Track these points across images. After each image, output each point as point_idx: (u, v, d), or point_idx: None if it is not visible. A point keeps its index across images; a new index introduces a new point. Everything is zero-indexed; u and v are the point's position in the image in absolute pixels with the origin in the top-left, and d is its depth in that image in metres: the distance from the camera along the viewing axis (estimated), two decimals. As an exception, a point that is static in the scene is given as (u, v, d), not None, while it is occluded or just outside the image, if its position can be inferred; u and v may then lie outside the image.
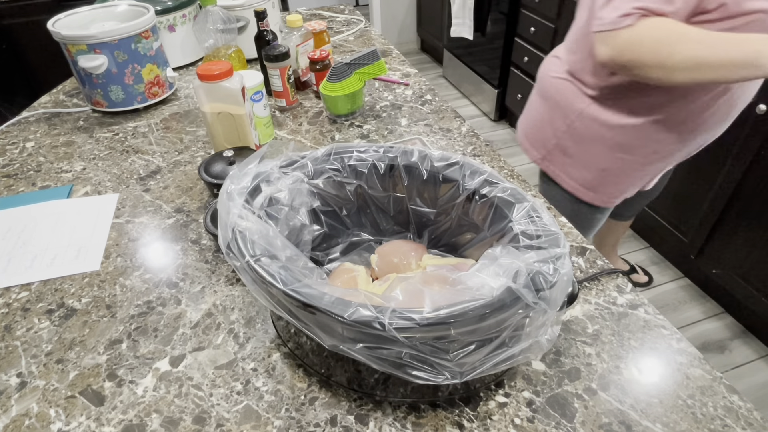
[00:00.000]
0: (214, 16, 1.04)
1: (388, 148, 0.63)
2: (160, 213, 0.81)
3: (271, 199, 0.55)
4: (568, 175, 0.99)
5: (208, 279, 0.68)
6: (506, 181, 0.57)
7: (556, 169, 1.00)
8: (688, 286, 1.74)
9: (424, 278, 0.53)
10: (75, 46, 1.00)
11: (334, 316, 0.41)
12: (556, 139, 0.97)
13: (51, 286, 0.68)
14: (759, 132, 1.32)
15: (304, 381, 0.54)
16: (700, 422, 0.49)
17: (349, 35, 1.49)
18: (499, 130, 2.70)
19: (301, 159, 0.61)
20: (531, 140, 1.05)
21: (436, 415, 0.50)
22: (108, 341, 0.60)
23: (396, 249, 0.63)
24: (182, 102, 1.15)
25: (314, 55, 1.09)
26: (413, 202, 0.64)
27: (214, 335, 0.60)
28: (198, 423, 0.50)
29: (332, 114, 1.04)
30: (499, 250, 0.48)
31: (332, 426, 0.50)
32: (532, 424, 0.49)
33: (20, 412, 0.52)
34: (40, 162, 0.96)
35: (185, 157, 0.95)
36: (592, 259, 0.68)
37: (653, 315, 0.60)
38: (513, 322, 0.42)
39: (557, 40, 2.05)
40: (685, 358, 0.55)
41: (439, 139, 0.97)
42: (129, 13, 1.12)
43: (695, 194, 1.56)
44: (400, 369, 0.43)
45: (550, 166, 1.01)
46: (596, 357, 0.55)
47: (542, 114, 1.00)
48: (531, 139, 1.05)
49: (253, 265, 0.45)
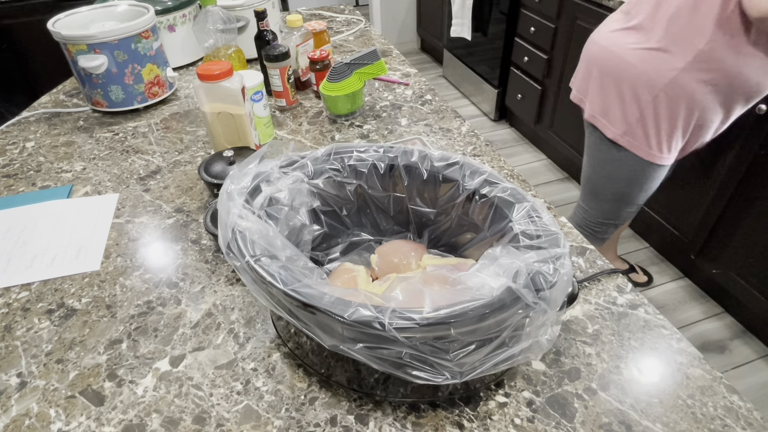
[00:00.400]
0: (214, 16, 1.04)
1: (388, 148, 0.63)
2: (160, 213, 0.81)
3: (271, 199, 0.55)
4: (648, 144, 1.08)
5: (208, 279, 0.68)
6: (506, 181, 0.57)
7: (636, 141, 1.09)
8: (688, 286, 1.74)
9: (424, 278, 0.53)
10: (75, 46, 1.00)
11: (334, 316, 0.41)
12: (639, 111, 1.05)
13: (51, 286, 0.68)
14: (759, 132, 1.32)
15: (304, 381, 0.54)
16: (700, 422, 0.49)
17: (349, 35, 1.49)
18: (499, 130, 2.70)
19: (301, 159, 0.61)
20: (610, 118, 1.12)
21: (436, 415, 0.50)
22: (108, 341, 0.60)
23: (396, 249, 0.63)
24: (182, 102, 1.15)
25: (314, 55, 1.09)
26: (413, 202, 0.64)
27: (214, 335, 0.60)
28: (198, 423, 0.50)
29: (332, 114, 1.04)
30: (499, 250, 0.48)
31: (332, 426, 0.50)
32: (532, 424, 0.49)
33: (20, 412, 0.52)
34: (40, 162, 0.96)
35: (185, 157, 0.95)
36: (592, 259, 0.68)
37: (653, 315, 0.60)
38: (513, 322, 0.42)
39: (557, 40, 2.05)
40: (685, 358, 0.55)
41: (439, 139, 0.97)
42: (129, 13, 1.12)
43: (695, 194, 1.56)
44: (400, 369, 0.43)
45: (631, 140, 1.10)
46: (596, 357, 0.55)
47: (621, 90, 1.08)
48: (610, 116, 1.12)
49: (253, 265, 0.45)
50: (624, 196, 1.21)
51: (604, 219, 1.30)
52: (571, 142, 2.14)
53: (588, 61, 1.16)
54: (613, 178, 1.19)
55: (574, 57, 1.97)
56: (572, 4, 1.90)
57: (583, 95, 1.19)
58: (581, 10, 1.86)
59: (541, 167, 2.39)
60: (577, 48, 1.94)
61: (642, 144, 1.09)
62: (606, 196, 1.24)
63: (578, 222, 1.39)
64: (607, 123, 1.13)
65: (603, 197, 1.25)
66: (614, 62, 1.08)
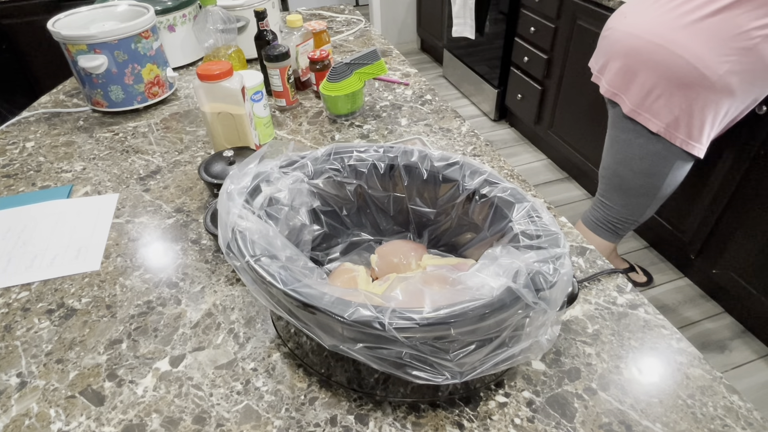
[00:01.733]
0: (214, 16, 1.04)
1: (388, 148, 0.63)
2: (160, 213, 0.81)
3: (271, 199, 0.55)
4: (689, 135, 1.09)
5: (208, 279, 0.68)
6: (506, 181, 0.57)
7: (679, 133, 1.10)
8: (687, 286, 1.74)
9: (424, 278, 0.53)
10: (75, 46, 1.00)
11: (334, 316, 0.41)
12: (687, 103, 1.05)
13: (51, 286, 0.68)
14: (759, 132, 1.32)
15: (304, 381, 0.54)
16: (700, 422, 0.49)
17: (349, 35, 1.49)
18: (499, 130, 2.70)
19: (301, 159, 0.61)
20: (652, 112, 1.12)
21: (436, 415, 0.50)
22: (108, 341, 0.60)
23: (396, 249, 0.63)
24: (182, 102, 1.15)
25: (314, 55, 1.09)
26: (413, 202, 0.64)
27: (214, 335, 0.60)
28: (198, 423, 0.50)
29: (332, 114, 1.04)
30: (499, 250, 0.48)
31: (332, 426, 0.50)
32: (532, 424, 0.49)
33: (20, 412, 0.52)
34: (40, 162, 0.96)
35: (185, 157, 0.95)
36: (592, 259, 0.68)
37: (653, 315, 0.60)
38: (513, 322, 0.42)
39: (557, 40, 2.05)
40: (685, 358, 0.55)
41: (439, 139, 0.97)
42: (129, 13, 1.12)
43: (695, 194, 1.56)
44: (400, 369, 0.43)
45: (674, 133, 1.10)
46: (596, 357, 0.55)
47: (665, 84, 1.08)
48: (652, 110, 1.12)
49: (253, 265, 0.45)
50: (656, 191, 1.21)
51: (629, 215, 1.28)
52: (571, 142, 2.14)
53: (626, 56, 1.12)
54: (650, 173, 1.18)
55: (575, 57, 1.97)
56: (572, 4, 1.90)
57: (620, 90, 1.17)
58: (581, 10, 1.86)
59: (541, 167, 2.39)
60: (577, 48, 1.94)
61: (684, 135, 1.09)
62: (636, 191, 1.23)
63: (598, 218, 1.35)
64: (650, 117, 1.12)
65: (632, 192, 1.24)
66: (662, 56, 1.06)
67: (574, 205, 2.13)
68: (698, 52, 1.00)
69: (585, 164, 2.07)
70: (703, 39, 1.00)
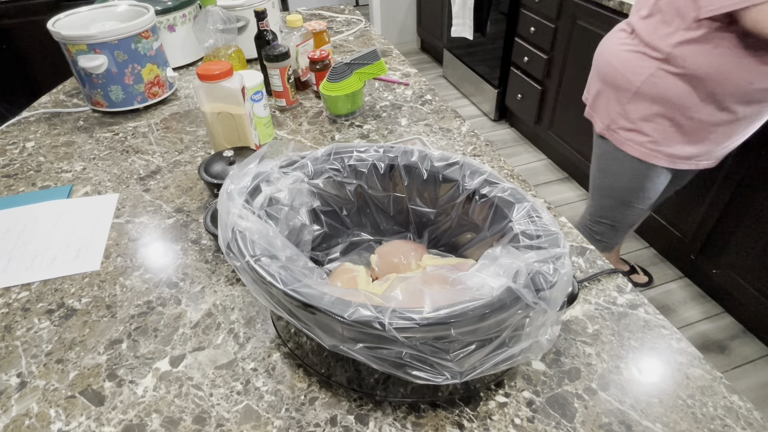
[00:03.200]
0: (214, 16, 1.04)
1: (388, 148, 0.63)
2: (160, 213, 0.81)
3: (271, 199, 0.55)
4: (633, 140, 1.10)
5: (208, 279, 0.68)
6: (506, 181, 0.57)
7: (620, 137, 1.12)
8: (688, 286, 1.74)
9: (424, 278, 0.53)
10: (75, 46, 1.00)
11: (334, 316, 0.41)
12: (620, 106, 1.08)
13: (51, 286, 0.68)
14: (759, 132, 1.32)
15: (304, 381, 0.54)
16: (700, 422, 0.49)
17: (349, 35, 1.49)
18: (499, 130, 2.70)
19: (301, 159, 0.61)
20: (598, 112, 1.16)
21: (436, 415, 0.50)
22: (108, 341, 0.60)
23: (396, 249, 0.63)
24: (182, 102, 1.15)
25: (314, 55, 1.09)
26: (413, 202, 0.64)
27: (214, 335, 0.60)
28: (198, 423, 0.50)
29: (332, 114, 1.04)
30: (499, 250, 0.48)
31: (332, 426, 0.50)
32: (532, 424, 0.49)
33: (20, 412, 0.52)
34: (40, 162, 0.96)
35: (185, 157, 0.95)
36: (592, 259, 0.68)
37: (653, 315, 0.60)
38: (513, 322, 0.42)
39: (557, 40, 2.05)
40: (685, 358, 0.55)
41: (439, 139, 0.97)
42: (129, 13, 1.12)
43: (695, 194, 1.56)
44: (400, 369, 0.43)
45: (614, 135, 1.13)
46: (596, 357, 0.55)
47: (603, 86, 1.12)
48: (598, 111, 1.16)
49: (253, 265, 0.45)
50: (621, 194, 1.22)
51: (600, 217, 1.31)
52: (571, 142, 2.14)
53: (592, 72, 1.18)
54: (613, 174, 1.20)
55: (574, 57, 1.97)
56: (572, 4, 1.90)
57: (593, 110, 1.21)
58: (581, 10, 1.86)
59: (541, 167, 2.39)
60: (577, 48, 1.94)
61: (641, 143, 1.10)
62: (604, 192, 1.26)
63: (580, 221, 1.41)
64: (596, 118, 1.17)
65: (602, 193, 1.27)
66: (600, 62, 1.12)
67: (574, 205, 2.13)
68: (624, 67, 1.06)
69: (585, 164, 2.07)
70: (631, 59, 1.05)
